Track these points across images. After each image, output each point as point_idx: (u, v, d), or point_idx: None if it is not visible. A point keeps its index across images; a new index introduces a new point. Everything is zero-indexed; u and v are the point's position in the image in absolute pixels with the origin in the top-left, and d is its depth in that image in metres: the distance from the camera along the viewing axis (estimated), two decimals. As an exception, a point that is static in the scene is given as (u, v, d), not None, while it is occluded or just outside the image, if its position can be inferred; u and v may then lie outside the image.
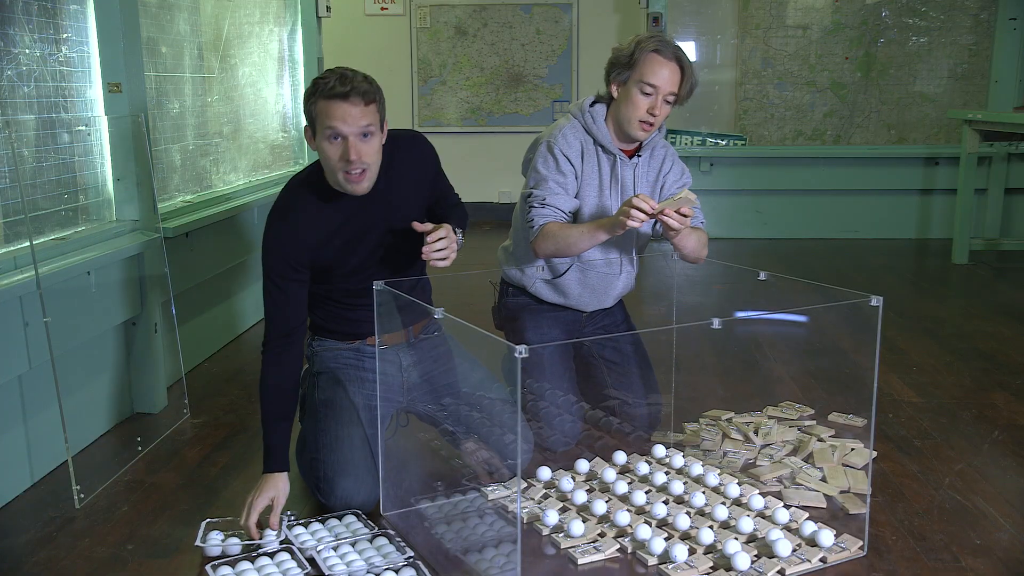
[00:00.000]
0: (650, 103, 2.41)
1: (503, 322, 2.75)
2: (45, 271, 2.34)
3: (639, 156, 2.56)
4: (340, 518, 2.13)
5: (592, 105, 2.54)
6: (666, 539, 2.02)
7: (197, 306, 3.47)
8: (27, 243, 2.37)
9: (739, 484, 2.31)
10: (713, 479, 2.34)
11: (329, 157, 2.06)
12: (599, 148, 2.52)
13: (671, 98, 2.43)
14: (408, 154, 2.27)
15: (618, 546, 2.02)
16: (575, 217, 2.53)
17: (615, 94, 2.48)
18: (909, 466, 2.49)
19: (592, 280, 2.60)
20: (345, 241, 2.21)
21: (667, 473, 2.41)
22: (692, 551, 1.99)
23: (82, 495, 2.29)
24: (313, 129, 2.09)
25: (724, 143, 6.40)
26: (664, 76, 2.39)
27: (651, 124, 2.44)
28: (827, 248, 6.03)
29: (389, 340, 2.32)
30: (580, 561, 1.97)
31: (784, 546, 1.96)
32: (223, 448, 2.64)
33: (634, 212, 2.17)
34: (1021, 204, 6.08)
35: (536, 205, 2.45)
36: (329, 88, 2.00)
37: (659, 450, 2.54)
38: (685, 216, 2.24)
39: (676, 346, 2.74)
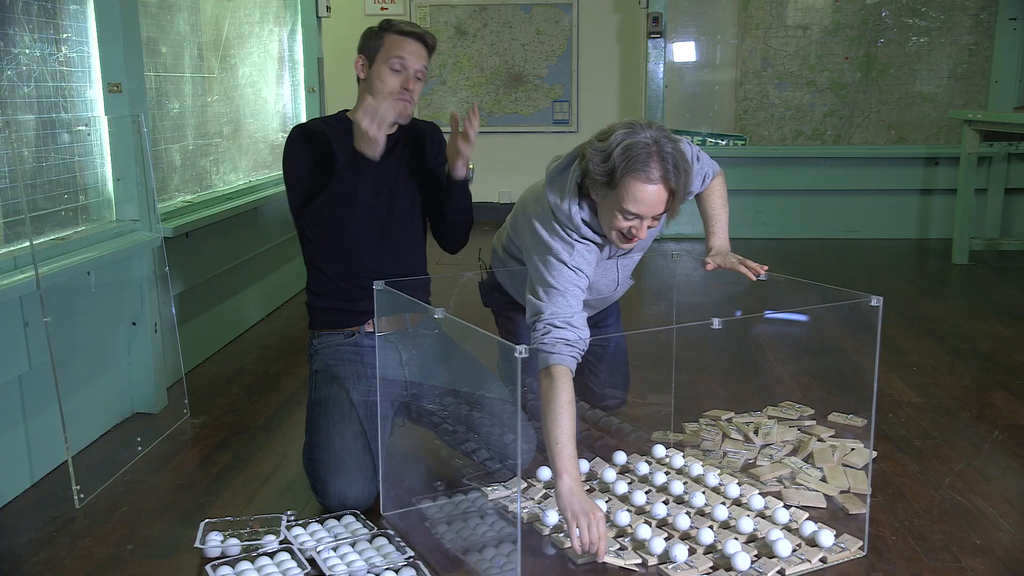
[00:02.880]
0: (633, 225, 2.08)
1: (490, 303, 2.73)
2: (45, 271, 2.34)
3: None
4: (339, 519, 2.13)
5: (580, 205, 2.17)
6: (666, 539, 2.02)
7: (197, 306, 3.47)
8: (27, 243, 2.37)
9: (739, 484, 2.31)
10: (713, 479, 2.34)
11: (386, 82, 2.28)
12: (599, 245, 2.25)
13: (660, 216, 2.10)
14: (428, 130, 2.50)
15: (639, 560, 1.97)
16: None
17: (595, 199, 2.13)
18: (909, 466, 2.49)
19: (591, 302, 2.56)
20: (354, 161, 2.27)
21: (667, 473, 2.41)
22: (692, 551, 1.99)
23: (82, 495, 2.29)
24: (371, 59, 2.31)
25: (724, 143, 6.41)
26: (649, 202, 2.02)
27: (635, 240, 2.13)
28: (827, 248, 6.03)
29: (388, 325, 2.33)
30: (579, 561, 1.97)
31: (784, 546, 1.96)
32: (223, 448, 2.64)
33: (588, 543, 1.90)
34: (1021, 204, 6.08)
35: (559, 325, 2.07)
36: (404, 27, 2.31)
37: (659, 450, 2.54)
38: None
39: (676, 346, 2.74)
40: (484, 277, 2.75)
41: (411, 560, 1.94)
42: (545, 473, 2.36)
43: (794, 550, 1.99)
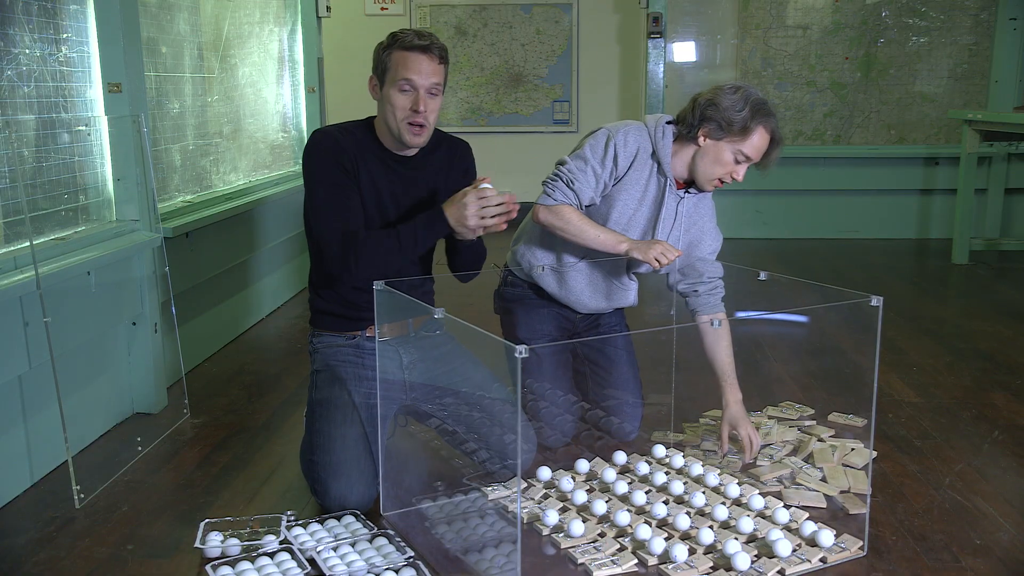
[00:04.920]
0: (740, 168, 2.41)
1: (500, 310, 2.73)
2: (45, 271, 2.34)
3: (689, 192, 2.50)
4: (339, 519, 2.13)
5: (668, 123, 2.45)
6: (666, 539, 2.02)
7: (197, 306, 3.47)
8: (27, 243, 2.37)
9: (739, 484, 2.31)
10: (713, 479, 2.34)
11: (396, 106, 2.15)
12: (656, 163, 2.45)
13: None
14: (457, 152, 2.39)
15: (635, 560, 1.98)
16: (590, 213, 2.47)
17: (701, 143, 2.39)
18: (909, 466, 2.49)
19: (598, 280, 2.57)
20: (375, 188, 2.23)
21: (667, 473, 2.41)
22: (692, 551, 1.99)
23: (82, 495, 2.29)
24: (381, 79, 2.19)
25: (724, 143, 6.39)
26: (764, 149, 2.40)
27: (724, 183, 2.44)
28: (827, 248, 6.03)
29: (389, 332, 2.32)
30: (579, 560, 1.97)
31: (784, 546, 1.96)
32: (223, 448, 2.64)
33: (663, 259, 2.28)
34: (1021, 204, 6.08)
35: (564, 179, 2.39)
36: (408, 40, 2.14)
37: (659, 450, 2.54)
38: None
39: (676, 346, 2.74)
40: (499, 284, 2.73)
41: (411, 560, 1.94)
42: (545, 473, 2.36)
43: (794, 550, 1.99)
